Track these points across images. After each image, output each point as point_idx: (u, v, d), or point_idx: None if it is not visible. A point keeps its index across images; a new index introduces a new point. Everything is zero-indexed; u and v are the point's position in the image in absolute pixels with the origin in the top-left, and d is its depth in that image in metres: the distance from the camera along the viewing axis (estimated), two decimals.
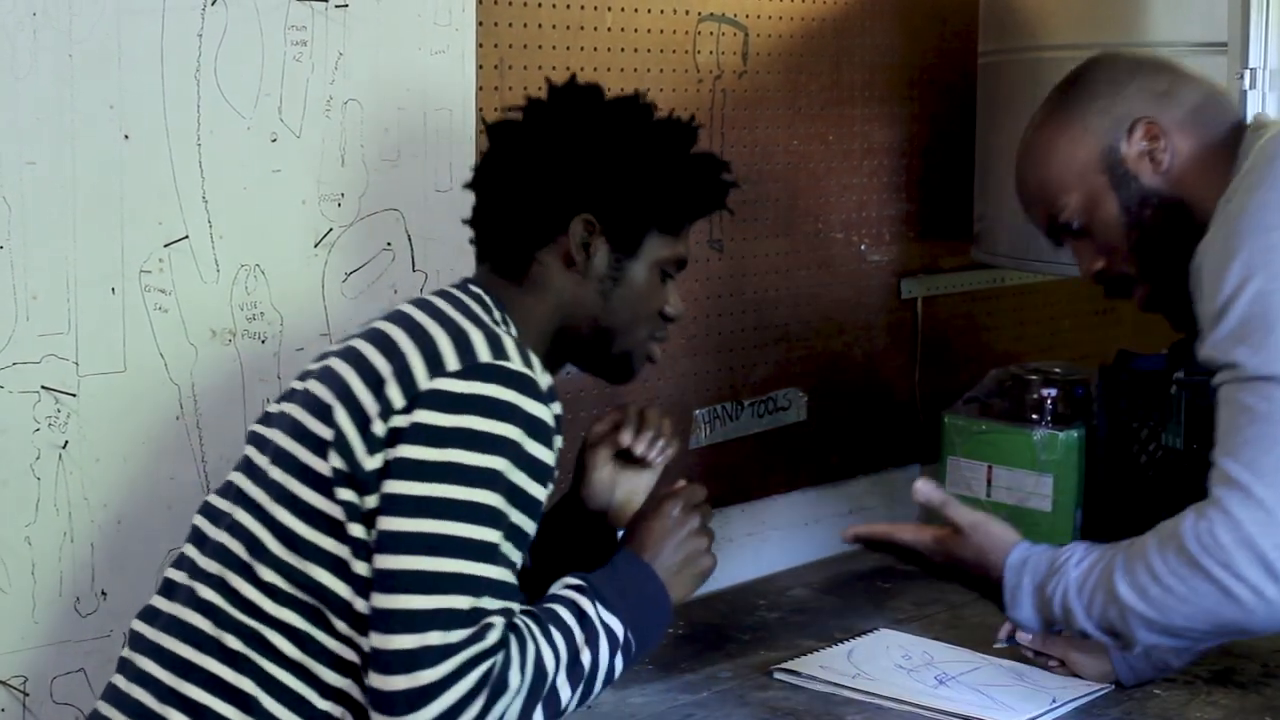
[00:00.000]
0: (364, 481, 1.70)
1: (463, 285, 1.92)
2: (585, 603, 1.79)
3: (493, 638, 1.66)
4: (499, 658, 1.66)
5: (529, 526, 1.76)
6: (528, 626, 1.72)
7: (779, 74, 2.86)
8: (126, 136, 2.02)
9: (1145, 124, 2.00)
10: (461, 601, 1.65)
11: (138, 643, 1.80)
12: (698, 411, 2.80)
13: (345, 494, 1.71)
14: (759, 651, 2.47)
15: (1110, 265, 2.05)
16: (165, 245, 2.07)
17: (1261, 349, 1.79)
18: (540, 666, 1.70)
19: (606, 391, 2.65)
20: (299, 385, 1.84)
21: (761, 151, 2.85)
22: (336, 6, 2.20)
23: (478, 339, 1.75)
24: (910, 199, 3.15)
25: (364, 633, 1.69)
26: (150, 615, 1.81)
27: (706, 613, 2.68)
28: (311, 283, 2.22)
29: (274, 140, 2.16)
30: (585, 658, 1.76)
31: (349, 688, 1.73)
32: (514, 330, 1.89)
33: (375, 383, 1.73)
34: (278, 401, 1.86)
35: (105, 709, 1.79)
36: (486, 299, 1.89)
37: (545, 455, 1.75)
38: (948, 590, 2.76)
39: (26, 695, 2.01)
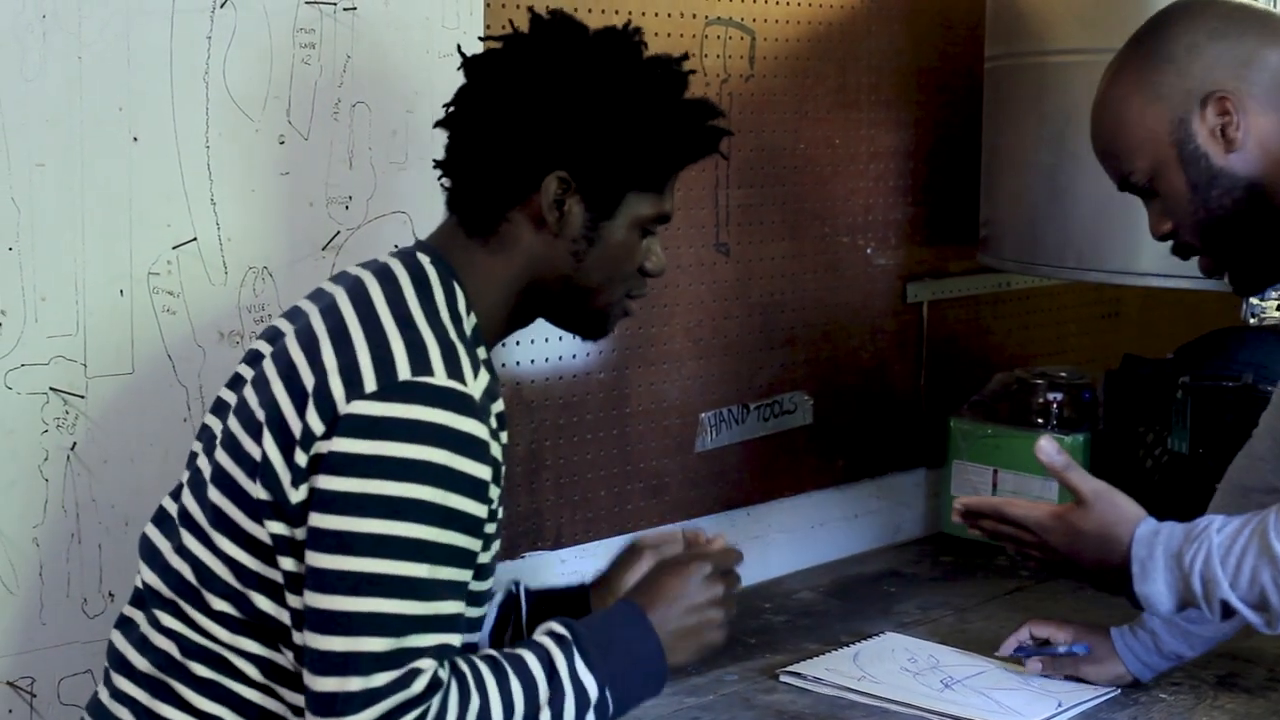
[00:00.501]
0: (292, 514, 1.64)
1: (412, 253, 1.80)
2: (559, 656, 1.68)
3: (419, 685, 1.59)
4: (431, 704, 1.59)
5: (473, 545, 1.67)
6: (477, 674, 1.64)
7: (785, 78, 2.86)
8: (135, 138, 2.03)
9: (1219, 99, 1.89)
10: (379, 644, 1.58)
11: (116, 660, 1.78)
12: (704, 415, 2.80)
13: (274, 526, 1.65)
14: (765, 655, 2.47)
15: (1177, 230, 1.97)
16: (173, 247, 2.07)
17: None
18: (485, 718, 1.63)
19: (613, 395, 2.65)
20: (245, 374, 1.77)
21: (768, 155, 2.85)
22: (345, 9, 2.20)
23: (398, 350, 1.65)
24: (916, 203, 3.15)
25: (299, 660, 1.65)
26: (124, 624, 1.79)
27: None
28: (319, 285, 2.21)
29: (282, 142, 2.16)
30: (544, 716, 1.65)
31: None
32: (463, 300, 1.76)
33: (300, 401, 1.65)
34: (227, 387, 1.81)
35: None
36: (435, 270, 1.77)
37: (479, 470, 1.64)
38: (951, 594, 2.77)
39: (34, 696, 2.01)
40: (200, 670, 1.70)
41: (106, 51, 1.99)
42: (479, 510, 1.65)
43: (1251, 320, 2.65)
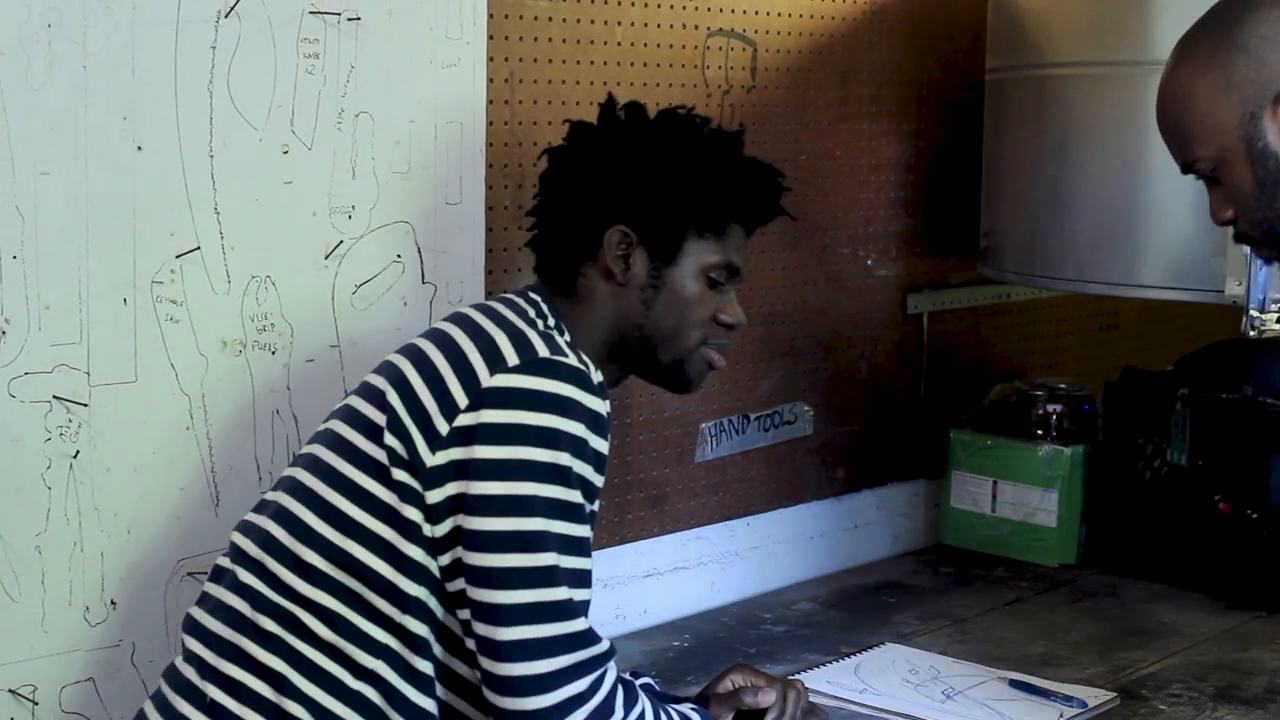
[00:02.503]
0: (426, 475, 1.75)
1: (521, 291, 1.97)
2: None
3: (604, 644, 1.77)
4: (609, 670, 1.77)
5: (596, 507, 1.85)
6: (640, 695, 1.81)
7: (787, 89, 2.87)
8: (139, 148, 2.03)
9: None
10: (559, 594, 1.73)
11: (189, 624, 1.87)
12: (704, 425, 2.80)
13: (401, 476, 1.76)
14: (764, 665, 2.46)
15: (1238, 220, 1.90)
16: (177, 256, 2.07)
17: None
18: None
19: (614, 404, 2.65)
20: (361, 381, 1.91)
21: None
22: (349, 20, 2.20)
23: (534, 337, 1.80)
24: (917, 214, 3.15)
25: (408, 612, 1.76)
26: (202, 599, 1.88)
27: (712, 626, 2.69)
28: (322, 294, 2.22)
29: (286, 152, 2.17)
30: None
31: (381, 669, 1.77)
32: (568, 337, 1.93)
33: (433, 377, 1.78)
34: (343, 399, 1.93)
35: (163, 686, 1.86)
36: (542, 306, 1.94)
37: (604, 448, 1.81)
38: (951, 605, 2.77)
39: (36, 704, 2.01)
40: (267, 624, 1.79)
41: (111, 61, 1.99)
42: (598, 483, 1.82)
43: (1251, 333, 2.65)
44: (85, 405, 2.01)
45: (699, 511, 2.82)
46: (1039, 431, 3.04)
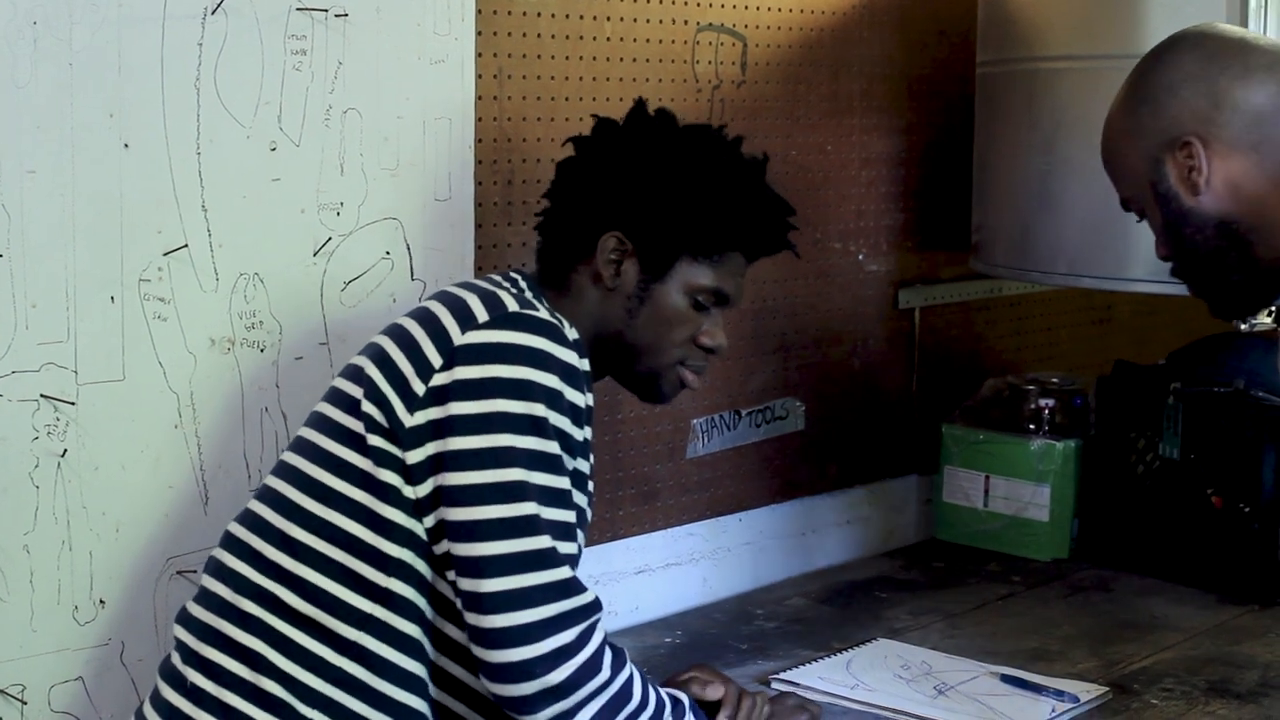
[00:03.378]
0: (405, 437, 1.77)
1: (506, 273, 1.99)
2: (682, 705, 1.92)
3: (589, 594, 1.77)
4: (598, 625, 1.78)
5: (584, 467, 1.86)
6: (628, 662, 1.82)
7: (777, 84, 2.87)
8: (126, 145, 2.02)
9: (1184, 144, 1.91)
10: (542, 542, 1.74)
11: (180, 616, 1.89)
12: (695, 421, 2.80)
13: (376, 441, 1.78)
14: (757, 661, 2.46)
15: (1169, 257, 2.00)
16: (164, 254, 2.07)
17: None
18: (628, 687, 1.81)
19: (605, 400, 2.65)
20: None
21: None
22: (336, 16, 2.20)
23: (505, 295, 1.84)
24: (908, 209, 3.15)
25: (393, 574, 1.77)
26: (199, 592, 1.90)
27: (704, 622, 2.68)
28: (310, 291, 2.22)
29: (273, 149, 2.16)
30: None
31: (365, 640, 1.78)
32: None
33: (409, 344, 1.81)
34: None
35: (157, 679, 1.88)
36: (521, 284, 1.95)
37: (582, 400, 1.83)
38: (942, 600, 2.77)
39: (25, 704, 2.00)
40: (247, 605, 1.80)
41: (97, 58, 1.99)
42: (583, 436, 1.84)
43: (1243, 327, 2.65)
44: (73, 404, 2.00)
45: (691, 507, 2.82)
46: (1031, 426, 3.04)
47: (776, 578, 2.93)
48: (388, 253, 2.29)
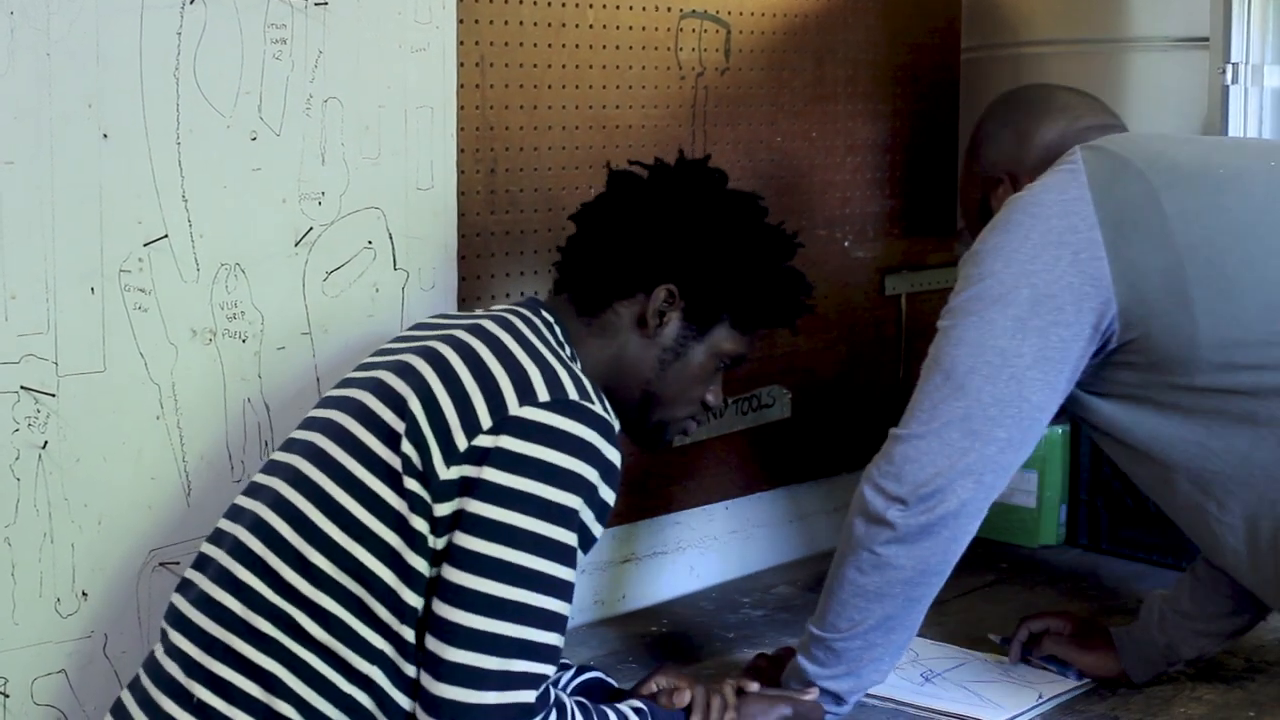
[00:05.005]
0: (437, 488, 1.75)
1: (536, 310, 1.98)
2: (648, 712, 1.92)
3: (533, 696, 1.74)
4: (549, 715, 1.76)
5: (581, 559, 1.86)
6: (571, 709, 1.80)
7: (761, 70, 2.86)
8: (105, 135, 2.01)
9: (997, 181, 2.28)
10: (520, 632, 1.73)
11: (172, 615, 1.86)
12: None
13: (412, 485, 1.76)
14: (743, 649, 2.46)
15: None
16: (145, 244, 2.06)
17: None
18: None
19: None
20: (363, 374, 1.90)
21: (744, 148, 2.84)
22: (316, 4, 2.19)
23: (565, 377, 1.82)
24: (894, 195, 3.14)
25: (405, 622, 1.76)
26: (184, 586, 1.87)
27: (691, 610, 2.68)
28: (292, 281, 2.21)
29: (254, 139, 2.15)
30: None
31: (375, 675, 1.77)
32: (580, 365, 1.97)
33: (460, 394, 1.79)
34: (336, 388, 1.95)
35: (143, 678, 1.85)
36: (557, 331, 1.97)
37: (611, 500, 1.84)
38: None
39: (7, 697, 2.00)
40: (262, 624, 1.78)
41: (75, 48, 1.97)
42: (596, 533, 1.85)
43: None
44: (53, 395, 1.99)
45: (677, 496, 2.81)
46: None
47: (763, 565, 2.93)
48: (370, 242, 2.28)
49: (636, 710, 1.93)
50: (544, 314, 1.99)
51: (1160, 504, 2.15)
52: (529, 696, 1.73)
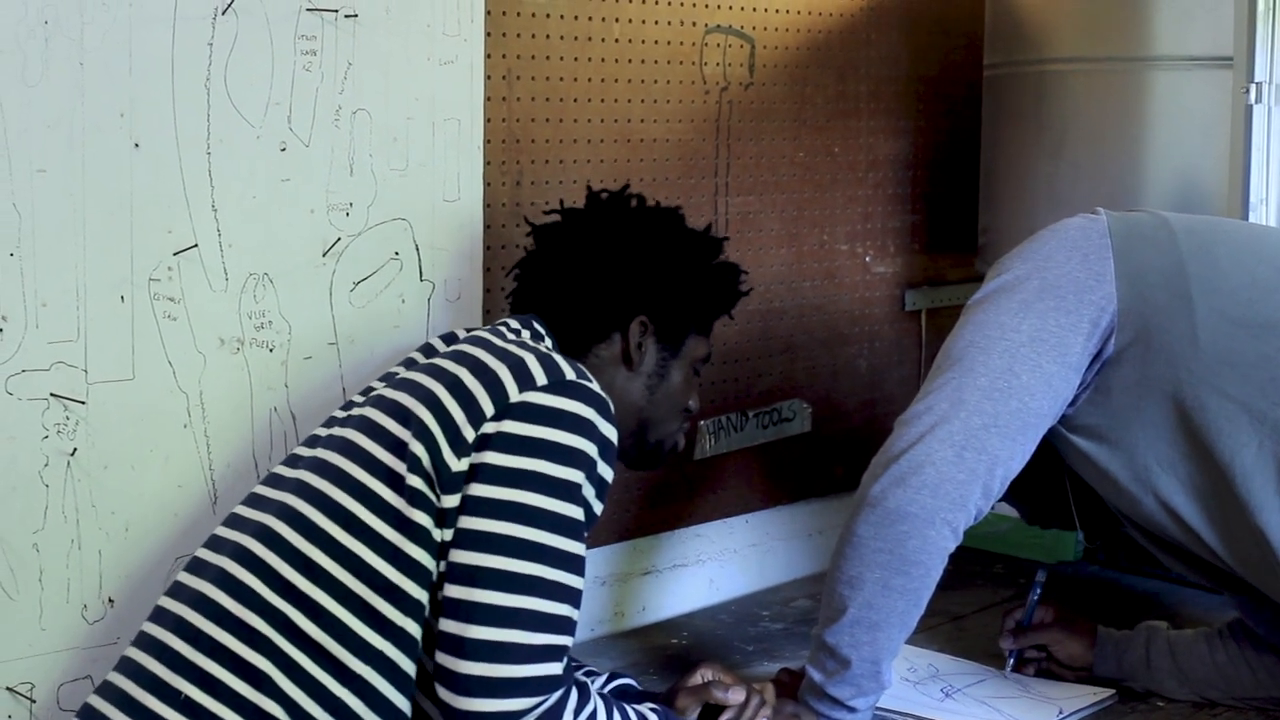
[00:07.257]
0: (447, 480, 1.79)
1: (525, 322, 2.04)
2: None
3: (559, 668, 1.77)
4: (556, 696, 1.77)
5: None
6: (591, 694, 1.82)
7: (785, 86, 2.87)
8: (136, 145, 2.03)
9: None
10: (538, 603, 1.76)
11: (158, 615, 1.86)
12: (703, 422, 2.80)
13: (415, 482, 1.79)
14: (763, 662, 2.47)
15: None
16: (174, 253, 2.07)
17: None
18: None
19: None
20: (374, 393, 1.93)
21: (767, 163, 2.85)
22: (346, 17, 2.20)
23: (562, 362, 1.87)
24: (915, 211, 3.15)
25: (409, 615, 1.78)
26: (176, 590, 1.87)
27: (710, 623, 2.69)
28: (319, 292, 2.22)
29: (283, 149, 2.16)
30: None
31: (369, 674, 1.78)
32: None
33: (464, 395, 1.83)
34: (343, 409, 1.96)
35: (115, 678, 1.83)
36: (549, 343, 2.04)
37: (609, 476, 1.88)
38: (949, 602, 2.76)
39: (34, 702, 2.01)
40: (254, 621, 1.80)
41: (108, 58, 1.99)
42: (597, 509, 1.88)
43: None
44: (83, 403, 2.01)
45: (698, 509, 2.82)
46: None
47: (783, 579, 2.93)
48: (397, 253, 2.29)
49: (656, 711, 1.94)
50: (534, 326, 2.04)
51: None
52: (556, 669, 1.76)
